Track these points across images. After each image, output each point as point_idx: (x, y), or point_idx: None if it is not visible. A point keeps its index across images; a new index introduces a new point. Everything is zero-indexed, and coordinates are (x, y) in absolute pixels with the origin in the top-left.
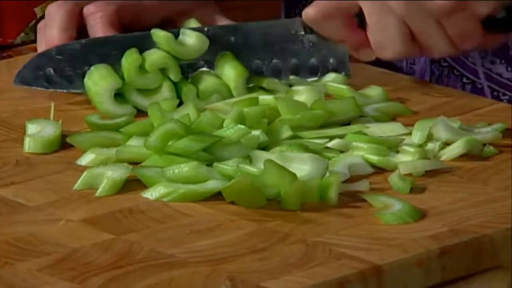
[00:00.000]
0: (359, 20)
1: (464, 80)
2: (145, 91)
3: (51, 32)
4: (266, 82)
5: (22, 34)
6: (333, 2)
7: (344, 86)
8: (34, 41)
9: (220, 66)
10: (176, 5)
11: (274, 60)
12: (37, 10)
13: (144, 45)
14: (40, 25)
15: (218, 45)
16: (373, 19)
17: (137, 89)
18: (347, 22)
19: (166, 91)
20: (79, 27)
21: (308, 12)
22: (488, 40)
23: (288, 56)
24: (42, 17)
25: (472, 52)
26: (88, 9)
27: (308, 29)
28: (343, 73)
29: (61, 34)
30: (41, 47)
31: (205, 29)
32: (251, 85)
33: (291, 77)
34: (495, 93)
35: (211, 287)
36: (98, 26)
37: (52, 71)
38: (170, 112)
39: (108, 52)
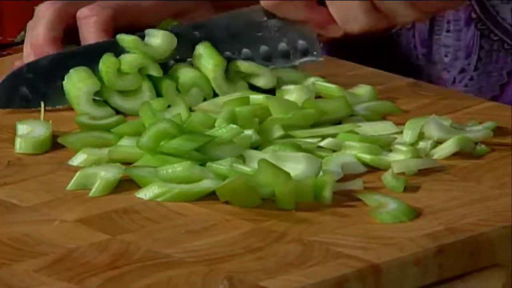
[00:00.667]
0: None
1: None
2: (125, 93)
3: (37, 31)
4: (244, 67)
5: (22, 33)
6: None
7: (333, 85)
8: None
9: (197, 58)
10: (173, 6)
11: (244, 50)
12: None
13: (113, 52)
14: (29, 24)
15: (184, 43)
16: None
17: (117, 91)
18: (308, 1)
19: (146, 91)
20: (71, 30)
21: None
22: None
23: (257, 44)
24: None
25: (438, 14)
26: (82, 13)
27: (270, 15)
28: (314, 53)
29: (47, 34)
30: (27, 46)
31: (169, 28)
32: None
33: (265, 64)
34: None
35: (209, 287)
36: (90, 31)
37: (26, 90)
38: (161, 112)
39: (78, 64)
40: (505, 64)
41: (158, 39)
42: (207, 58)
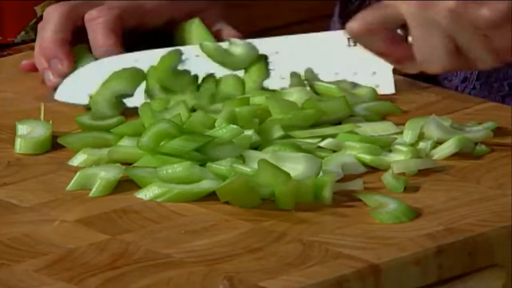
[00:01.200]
0: (403, 33)
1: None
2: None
3: (45, 33)
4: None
5: (22, 33)
6: (376, 15)
7: (333, 86)
8: (35, 40)
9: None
10: (182, 6)
11: (316, 72)
12: (37, 9)
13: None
14: (39, 26)
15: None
16: (417, 32)
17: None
18: (390, 36)
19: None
20: (80, 31)
21: (352, 26)
22: None
23: (331, 69)
24: (42, 16)
25: None
26: (90, 15)
27: (353, 42)
28: (388, 87)
29: (54, 36)
30: (36, 48)
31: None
32: None
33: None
34: None
35: (209, 287)
36: (98, 32)
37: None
38: (161, 112)
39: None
40: (507, 75)
41: (239, 49)
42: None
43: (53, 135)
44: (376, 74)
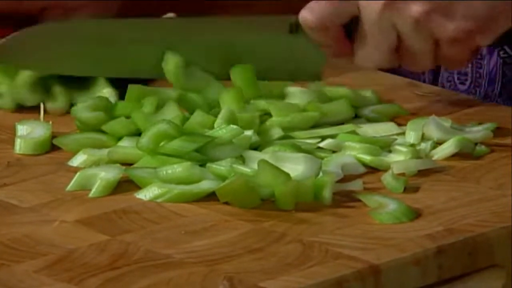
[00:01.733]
0: (348, 30)
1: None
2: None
3: None
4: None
5: None
6: (331, 9)
7: (342, 88)
8: None
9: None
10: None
11: (245, 58)
12: None
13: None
14: None
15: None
16: (368, 29)
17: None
18: (338, 31)
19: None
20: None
21: (306, 18)
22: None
23: (264, 55)
24: None
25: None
26: None
27: (295, 30)
28: (316, 80)
29: None
30: None
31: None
32: None
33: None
34: None
35: (209, 287)
36: None
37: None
38: (153, 115)
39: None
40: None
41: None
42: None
43: (53, 136)
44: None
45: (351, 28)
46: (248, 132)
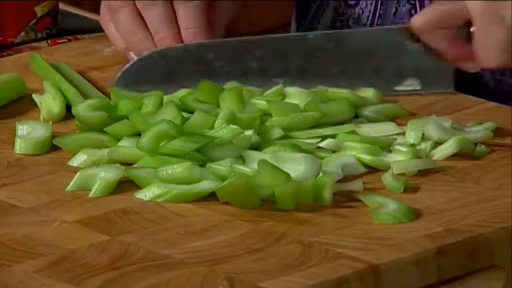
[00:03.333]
0: (465, 32)
1: None
2: None
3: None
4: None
5: (22, 33)
6: (440, 11)
7: (344, 90)
8: (34, 40)
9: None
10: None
11: (374, 66)
12: (37, 9)
13: (241, 51)
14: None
15: (317, 52)
16: (481, 27)
17: None
18: (452, 34)
19: None
20: None
21: (416, 21)
22: None
23: (390, 63)
24: (42, 16)
25: None
26: None
27: (414, 38)
28: (445, 85)
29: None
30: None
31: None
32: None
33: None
34: None
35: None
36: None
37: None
38: (151, 116)
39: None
40: None
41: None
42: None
43: (53, 136)
44: (437, 72)
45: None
46: (248, 132)
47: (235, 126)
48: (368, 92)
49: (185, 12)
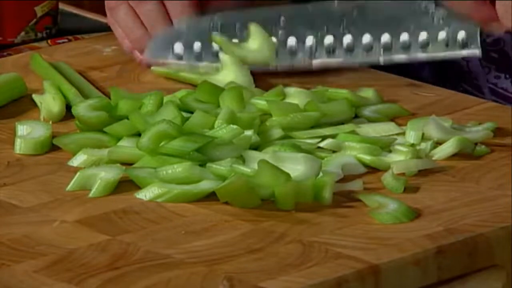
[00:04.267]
0: None
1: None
2: None
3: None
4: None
5: (22, 33)
6: None
7: (344, 90)
8: (34, 40)
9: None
10: None
11: (403, 35)
12: (37, 9)
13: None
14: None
15: (343, 20)
16: None
17: None
18: None
19: None
20: None
21: None
22: None
23: (417, 30)
24: (42, 16)
25: None
26: None
27: (438, 3)
28: (472, 46)
29: None
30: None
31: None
32: None
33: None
34: None
35: (209, 287)
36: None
37: (181, 47)
38: (151, 116)
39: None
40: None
41: (256, 44)
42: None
43: (53, 136)
44: (463, 36)
45: None
46: (248, 132)
47: (235, 126)
48: (368, 92)
49: (175, 8)
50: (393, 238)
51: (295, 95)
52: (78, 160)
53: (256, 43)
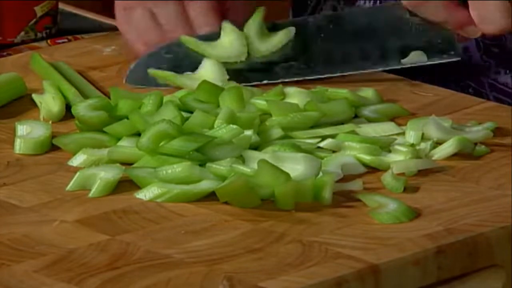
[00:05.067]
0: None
1: (470, 90)
2: None
3: None
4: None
5: (22, 33)
6: None
7: (344, 90)
8: (34, 40)
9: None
10: None
11: (381, 44)
12: (37, 9)
13: None
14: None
15: (320, 34)
16: None
17: None
18: (447, 2)
19: None
20: None
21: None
22: None
23: (395, 39)
24: (42, 16)
25: None
26: None
27: (413, 12)
28: (452, 53)
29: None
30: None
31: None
32: None
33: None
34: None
35: (209, 287)
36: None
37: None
38: (151, 116)
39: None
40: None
41: (227, 39)
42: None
43: (53, 136)
44: (441, 43)
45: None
46: (248, 132)
47: (235, 126)
48: (368, 92)
49: (196, 11)
50: (393, 238)
51: (295, 95)
52: (78, 160)
53: (227, 40)
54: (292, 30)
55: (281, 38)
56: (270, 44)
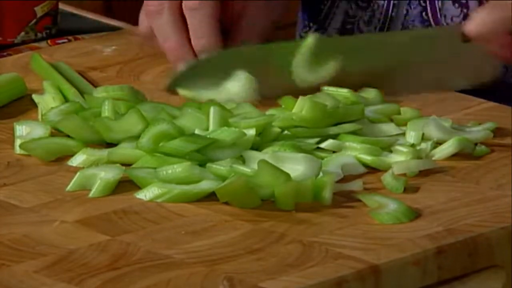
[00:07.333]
0: None
1: None
2: None
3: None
4: None
5: (22, 33)
6: (495, 18)
7: (345, 90)
8: (35, 40)
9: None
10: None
11: (425, 65)
12: (37, 9)
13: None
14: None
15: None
16: None
17: None
18: (507, 39)
19: None
20: None
21: (470, 29)
22: None
23: (440, 63)
24: (42, 16)
25: None
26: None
27: (466, 39)
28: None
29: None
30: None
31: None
32: None
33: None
34: None
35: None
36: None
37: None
38: (114, 122)
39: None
40: None
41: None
42: None
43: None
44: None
45: None
46: (250, 133)
47: (236, 129)
48: (369, 92)
49: (195, 21)
50: (393, 238)
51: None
52: (77, 160)
53: (236, 85)
54: (340, 59)
55: (330, 69)
56: (319, 75)
